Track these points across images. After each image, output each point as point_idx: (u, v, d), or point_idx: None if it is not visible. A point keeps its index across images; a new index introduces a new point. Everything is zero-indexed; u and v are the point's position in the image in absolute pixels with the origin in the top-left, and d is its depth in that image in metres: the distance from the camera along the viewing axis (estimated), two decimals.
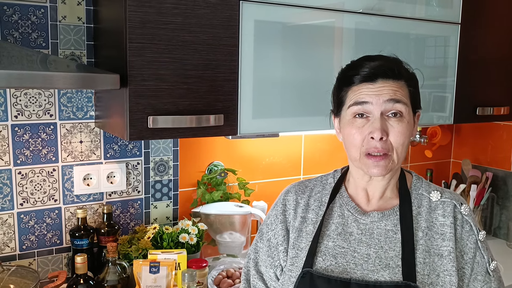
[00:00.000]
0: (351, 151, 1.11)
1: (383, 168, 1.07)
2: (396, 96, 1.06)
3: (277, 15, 1.59)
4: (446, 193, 1.16)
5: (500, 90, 2.21)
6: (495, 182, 2.48)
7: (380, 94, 1.06)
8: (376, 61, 1.09)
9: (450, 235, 1.10)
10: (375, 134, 1.05)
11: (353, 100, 1.08)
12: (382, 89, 1.06)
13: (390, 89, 1.06)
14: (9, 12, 1.56)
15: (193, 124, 1.46)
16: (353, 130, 1.09)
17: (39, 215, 1.69)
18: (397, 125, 1.07)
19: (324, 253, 1.12)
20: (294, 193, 1.23)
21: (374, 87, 1.07)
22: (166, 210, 1.92)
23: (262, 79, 1.59)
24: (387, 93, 1.06)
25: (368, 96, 1.06)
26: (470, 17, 2.03)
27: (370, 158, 1.07)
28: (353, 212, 1.15)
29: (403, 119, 1.07)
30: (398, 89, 1.07)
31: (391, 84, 1.07)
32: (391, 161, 1.08)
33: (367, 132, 1.07)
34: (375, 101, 1.06)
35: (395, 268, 1.07)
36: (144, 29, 1.37)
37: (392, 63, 1.10)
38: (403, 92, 1.08)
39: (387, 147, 1.06)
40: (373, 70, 1.07)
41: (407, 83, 1.10)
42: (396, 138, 1.06)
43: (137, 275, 1.50)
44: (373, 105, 1.06)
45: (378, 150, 1.06)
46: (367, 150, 1.07)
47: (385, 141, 1.06)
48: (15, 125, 1.62)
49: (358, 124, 1.08)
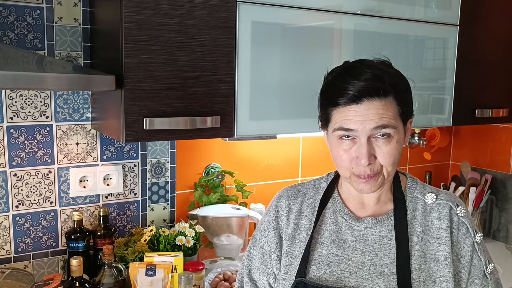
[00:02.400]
0: (341, 171, 1.09)
1: (372, 185, 1.05)
2: (382, 121, 1.01)
3: (275, 17, 1.59)
4: (441, 194, 1.14)
5: (499, 92, 2.21)
6: (494, 185, 2.47)
7: (365, 120, 1.01)
8: (361, 80, 1.01)
9: (446, 239, 1.08)
10: (362, 161, 1.02)
11: (338, 124, 1.04)
12: (368, 114, 1.00)
13: (376, 112, 1.01)
14: (4, 13, 1.55)
15: (189, 126, 1.45)
16: (340, 152, 1.05)
17: (34, 218, 1.68)
18: (385, 147, 1.03)
19: (318, 261, 1.10)
20: (287, 199, 1.21)
21: (360, 110, 1.01)
22: (163, 212, 1.91)
23: (259, 80, 1.58)
24: (372, 118, 1.00)
25: (353, 123, 1.01)
26: (468, 19, 2.03)
27: (359, 177, 1.05)
28: (347, 218, 1.13)
29: (391, 139, 1.03)
30: (385, 110, 1.01)
31: (377, 105, 1.01)
32: (381, 178, 1.06)
33: (354, 155, 1.04)
34: (360, 129, 1.01)
35: (390, 275, 1.06)
36: (140, 30, 1.36)
37: (377, 79, 1.01)
38: (391, 113, 1.02)
39: (376, 168, 1.04)
40: (357, 93, 1.00)
41: (395, 99, 1.03)
42: (385, 159, 1.03)
43: (133, 278, 1.49)
44: (358, 132, 1.02)
45: (368, 174, 1.04)
46: (357, 173, 1.05)
47: (373, 163, 1.03)
48: (11, 126, 1.61)
49: (345, 146, 1.05)
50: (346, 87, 1.01)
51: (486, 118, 2.16)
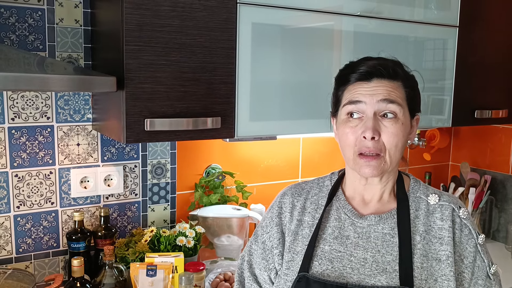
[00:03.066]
0: (345, 151, 1.11)
1: (374, 168, 1.07)
2: (390, 96, 1.06)
3: (275, 18, 1.59)
4: (444, 196, 1.16)
5: (498, 93, 2.21)
6: (493, 185, 2.48)
7: (374, 93, 1.06)
8: (373, 60, 1.10)
9: (448, 239, 1.09)
10: (367, 133, 1.05)
11: (347, 99, 1.09)
12: (376, 89, 1.07)
13: (384, 89, 1.07)
14: (6, 15, 1.56)
15: (190, 126, 1.46)
16: (346, 129, 1.09)
17: (35, 218, 1.68)
18: (391, 126, 1.06)
19: (320, 257, 1.11)
20: (291, 196, 1.22)
21: (369, 87, 1.07)
22: (164, 213, 1.91)
23: (259, 81, 1.59)
24: (381, 93, 1.06)
25: (362, 96, 1.07)
26: (468, 20, 2.03)
27: (362, 157, 1.07)
28: (350, 215, 1.14)
29: (397, 120, 1.07)
30: (393, 89, 1.07)
31: (386, 84, 1.07)
32: (384, 162, 1.07)
33: (360, 131, 1.07)
34: (368, 101, 1.06)
35: (392, 272, 1.06)
36: (141, 31, 1.37)
37: (389, 63, 1.10)
38: (399, 93, 1.08)
39: (379, 147, 1.06)
40: (369, 69, 1.07)
41: (403, 83, 1.10)
42: (388, 138, 1.06)
43: (134, 278, 1.50)
44: (366, 104, 1.06)
45: (370, 150, 1.06)
46: (360, 150, 1.07)
47: (377, 141, 1.06)
48: (12, 127, 1.61)
49: (351, 123, 1.09)
50: (358, 64, 1.10)
51: (485, 119, 2.17)
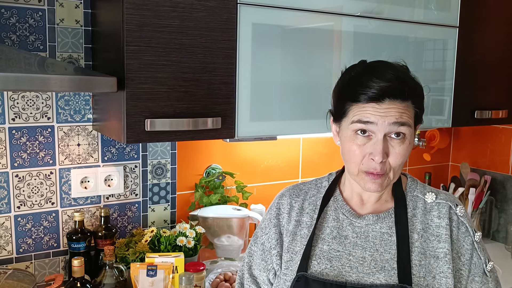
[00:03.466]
0: (350, 166, 1.10)
1: (379, 185, 1.07)
2: (402, 119, 1.03)
3: (275, 18, 1.59)
4: (441, 194, 1.17)
5: (498, 93, 2.21)
6: (493, 186, 2.48)
7: (386, 115, 1.02)
8: (384, 80, 1.02)
9: (446, 237, 1.10)
10: (376, 157, 1.03)
11: (357, 117, 1.05)
12: (388, 111, 1.02)
13: (396, 111, 1.03)
14: (6, 15, 1.56)
15: (190, 127, 1.46)
16: (354, 146, 1.06)
17: (36, 218, 1.68)
18: (398, 147, 1.05)
19: (319, 256, 1.12)
20: (289, 197, 1.23)
21: (381, 108, 1.03)
22: (164, 213, 1.91)
23: (259, 82, 1.59)
24: (393, 115, 1.02)
25: (374, 117, 1.03)
26: (468, 21, 2.04)
27: (368, 175, 1.06)
28: (348, 215, 1.15)
29: (405, 140, 1.05)
30: (404, 111, 1.04)
31: (397, 106, 1.03)
32: (387, 178, 1.07)
33: (367, 151, 1.05)
34: (380, 123, 1.03)
35: (391, 270, 1.07)
36: (141, 32, 1.37)
37: (401, 82, 1.04)
38: (409, 114, 1.05)
39: (385, 168, 1.06)
40: (381, 92, 1.02)
41: (414, 104, 1.06)
42: (395, 159, 1.05)
43: (134, 278, 1.50)
44: (377, 125, 1.03)
45: (377, 171, 1.05)
46: (366, 169, 1.06)
47: (384, 162, 1.05)
48: (13, 128, 1.61)
49: (359, 141, 1.06)
50: (370, 84, 1.03)
51: (485, 119, 2.17)
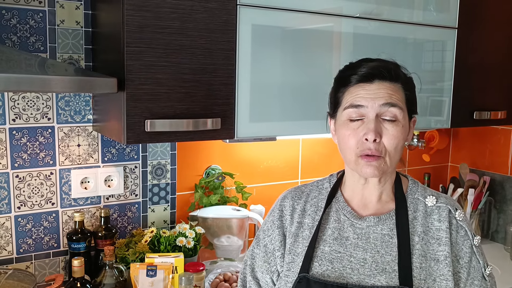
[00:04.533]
0: (346, 153, 1.12)
1: (375, 168, 1.08)
2: (391, 100, 1.07)
3: (275, 20, 1.60)
4: (441, 198, 1.17)
5: (497, 94, 2.22)
6: (492, 186, 2.48)
7: (375, 97, 1.07)
8: (374, 62, 1.10)
9: (446, 240, 1.11)
10: (369, 135, 1.06)
11: (349, 102, 1.10)
12: (378, 92, 1.07)
13: (386, 92, 1.08)
14: (7, 16, 1.56)
15: (190, 127, 1.46)
16: (348, 131, 1.10)
17: (36, 219, 1.69)
18: (392, 128, 1.07)
19: (320, 258, 1.12)
20: (291, 199, 1.23)
21: (371, 89, 1.08)
22: (164, 213, 1.92)
23: (259, 83, 1.59)
24: (382, 96, 1.07)
25: (364, 99, 1.07)
26: (467, 22, 2.04)
27: (363, 158, 1.08)
28: (349, 216, 1.15)
29: (397, 123, 1.08)
30: (394, 92, 1.08)
31: (387, 86, 1.08)
32: (384, 162, 1.08)
33: (361, 134, 1.08)
34: (370, 105, 1.07)
35: (392, 272, 1.08)
36: (141, 33, 1.38)
37: (390, 65, 1.11)
38: (399, 96, 1.09)
39: (380, 149, 1.07)
40: (371, 70, 1.08)
41: (403, 86, 1.11)
42: (389, 141, 1.07)
43: (134, 278, 1.50)
44: (368, 108, 1.07)
45: (372, 151, 1.07)
46: (361, 152, 1.08)
47: (378, 143, 1.07)
48: (13, 128, 1.62)
49: (353, 126, 1.09)
50: (360, 65, 1.10)
51: (484, 120, 2.17)
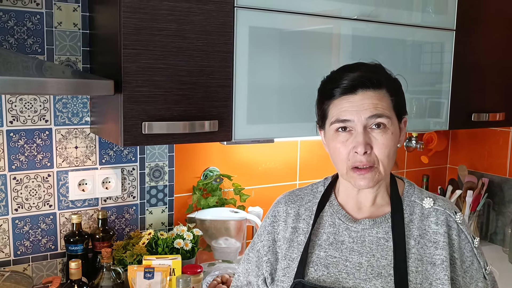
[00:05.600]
0: (338, 165, 1.11)
1: (369, 180, 1.07)
2: (377, 110, 1.05)
3: (272, 22, 1.60)
4: (439, 200, 1.16)
5: (495, 96, 2.22)
6: (491, 188, 2.48)
7: (361, 110, 1.04)
8: (355, 72, 1.07)
9: (444, 244, 1.09)
10: (359, 149, 1.04)
11: (334, 117, 1.07)
12: (363, 103, 1.05)
13: (370, 102, 1.05)
14: (4, 18, 1.56)
15: (187, 130, 1.46)
16: (337, 144, 1.08)
17: (34, 221, 1.69)
18: (381, 137, 1.06)
19: (316, 263, 1.11)
20: (284, 204, 1.23)
21: (355, 100, 1.05)
22: (161, 215, 1.92)
23: (257, 85, 1.59)
24: (367, 108, 1.04)
25: (349, 113, 1.05)
26: (465, 24, 2.04)
27: (356, 171, 1.07)
28: (344, 220, 1.14)
29: (386, 130, 1.06)
30: (379, 100, 1.06)
31: (371, 96, 1.05)
32: (378, 173, 1.08)
33: (351, 146, 1.06)
34: (356, 119, 1.05)
35: (387, 277, 1.07)
36: (138, 35, 1.37)
37: (371, 72, 1.07)
38: (385, 104, 1.06)
39: (372, 160, 1.06)
40: (352, 82, 1.05)
41: (388, 92, 1.08)
42: (380, 150, 1.06)
43: (131, 280, 1.50)
44: (355, 122, 1.05)
45: (364, 164, 1.06)
46: (353, 164, 1.07)
47: (369, 154, 1.06)
48: (10, 130, 1.62)
49: (341, 138, 1.08)
50: (341, 77, 1.07)
51: (482, 122, 2.17)
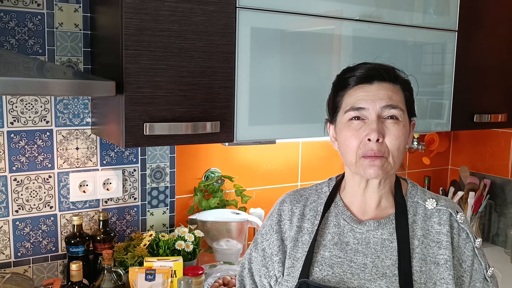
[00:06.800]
0: (348, 155, 1.11)
1: (379, 168, 1.06)
2: (392, 101, 1.07)
3: (274, 22, 1.59)
4: (441, 200, 1.16)
5: (497, 97, 2.22)
6: (493, 189, 2.48)
7: (376, 99, 1.06)
8: (372, 64, 1.11)
9: (447, 244, 1.10)
10: (372, 135, 1.05)
11: (349, 105, 1.09)
12: (378, 93, 1.07)
13: (386, 93, 1.07)
14: (5, 19, 1.56)
15: (189, 131, 1.46)
16: (349, 133, 1.08)
17: (34, 222, 1.68)
18: (393, 128, 1.07)
19: (320, 263, 1.11)
20: (289, 203, 1.22)
21: (371, 90, 1.07)
22: (163, 217, 1.91)
23: (258, 86, 1.59)
24: (383, 98, 1.06)
25: (364, 101, 1.07)
26: (467, 25, 2.04)
27: (366, 158, 1.07)
28: (349, 221, 1.14)
29: (399, 122, 1.07)
30: (394, 93, 1.08)
31: (387, 87, 1.08)
32: (387, 163, 1.07)
33: (363, 134, 1.06)
34: (371, 107, 1.06)
35: (392, 277, 1.07)
36: (140, 36, 1.37)
37: (388, 67, 1.11)
38: (399, 97, 1.09)
39: (383, 149, 1.06)
40: (370, 72, 1.08)
41: (402, 87, 1.11)
42: (392, 140, 1.06)
43: (132, 282, 1.50)
44: (369, 110, 1.07)
45: (375, 152, 1.06)
46: (364, 153, 1.07)
47: (381, 143, 1.06)
48: (11, 131, 1.61)
49: (354, 126, 1.08)
50: (358, 67, 1.10)
51: (484, 123, 2.17)
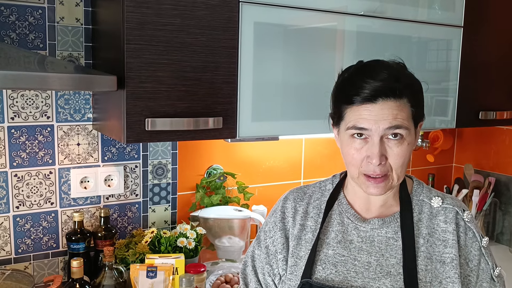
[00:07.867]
0: (350, 169, 1.09)
1: (382, 189, 1.05)
2: (396, 121, 1.01)
3: (277, 17, 1.58)
4: (447, 199, 1.15)
5: (503, 94, 2.20)
6: (497, 187, 2.46)
7: (380, 120, 1.01)
8: (377, 79, 1.01)
9: (453, 242, 1.09)
10: (374, 160, 1.02)
11: (351, 123, 1.04)
12: (382, 113, 1.01)
13: (390, 112, 1.01)
14: (6, 13, 1.54)
15: (191, 126, 1.44)
16: (352, 150, 1.05)
17: (35, 218, 1.67)
18: (397, 148, 1.03)
19: (324, 261, 1.10)
20: (293, 200, 1.21)
21: (374, 110, 1.01)
22: (164, 214, 1.90)
23: (261, 81, 1.57)
24: (386, 118, 1.00)
25: (367, 122, 1.01)
26: (472, 21, 2.02)
27: (369, 179, 1.05)
28: (353, 219, 1.13)
29: (403, 141, 1.03)
30: (399, 110, 1.01)
31: (391, 106, 1.01)
32: (391, 180, 1.05)
33: (365, 154, 1.04)
34: (374, 128, 1.01)
35: (397, 276, 1.06)
36: (142, 30, 1.35)
37: (394, 79, 1.02)
38: (404, 114, 1.02)
39: (386, 169, 1.04)
40: (373, 92, 1.00)
41: (409, 102, 1.04)
42: (395, 160, 1.03)
43: (134, 279, 1.49)
44: (372, 131, 1.02)
45: (377, 174, 1.03)
46: (366, 172, 1.05)
47: (384, 164, 1.03)
48: (12, 127, 1.60)
49: (356, 145, 1.04)
50: (362, 85, 1.01)
51: (489, 120, 2.15)
